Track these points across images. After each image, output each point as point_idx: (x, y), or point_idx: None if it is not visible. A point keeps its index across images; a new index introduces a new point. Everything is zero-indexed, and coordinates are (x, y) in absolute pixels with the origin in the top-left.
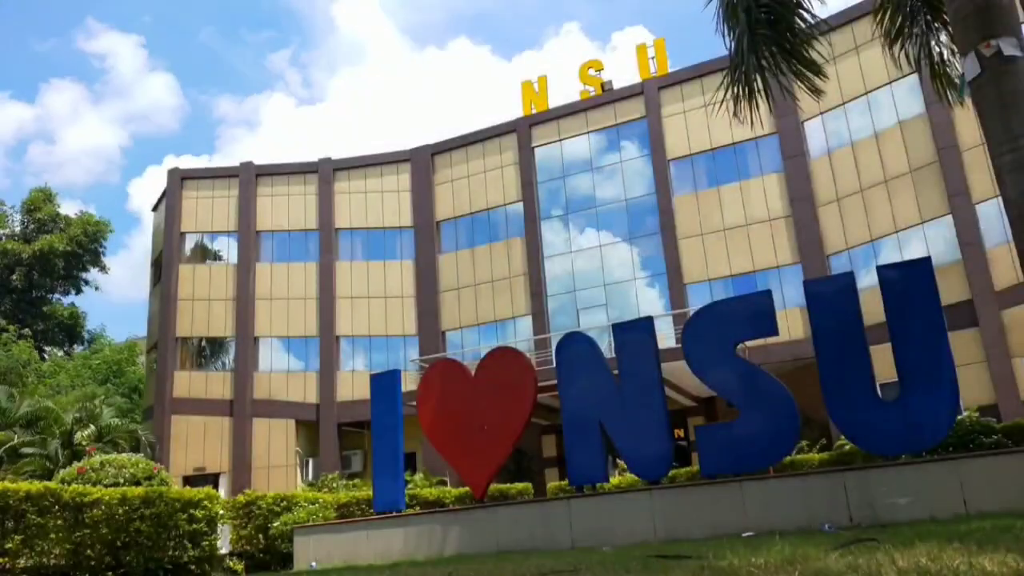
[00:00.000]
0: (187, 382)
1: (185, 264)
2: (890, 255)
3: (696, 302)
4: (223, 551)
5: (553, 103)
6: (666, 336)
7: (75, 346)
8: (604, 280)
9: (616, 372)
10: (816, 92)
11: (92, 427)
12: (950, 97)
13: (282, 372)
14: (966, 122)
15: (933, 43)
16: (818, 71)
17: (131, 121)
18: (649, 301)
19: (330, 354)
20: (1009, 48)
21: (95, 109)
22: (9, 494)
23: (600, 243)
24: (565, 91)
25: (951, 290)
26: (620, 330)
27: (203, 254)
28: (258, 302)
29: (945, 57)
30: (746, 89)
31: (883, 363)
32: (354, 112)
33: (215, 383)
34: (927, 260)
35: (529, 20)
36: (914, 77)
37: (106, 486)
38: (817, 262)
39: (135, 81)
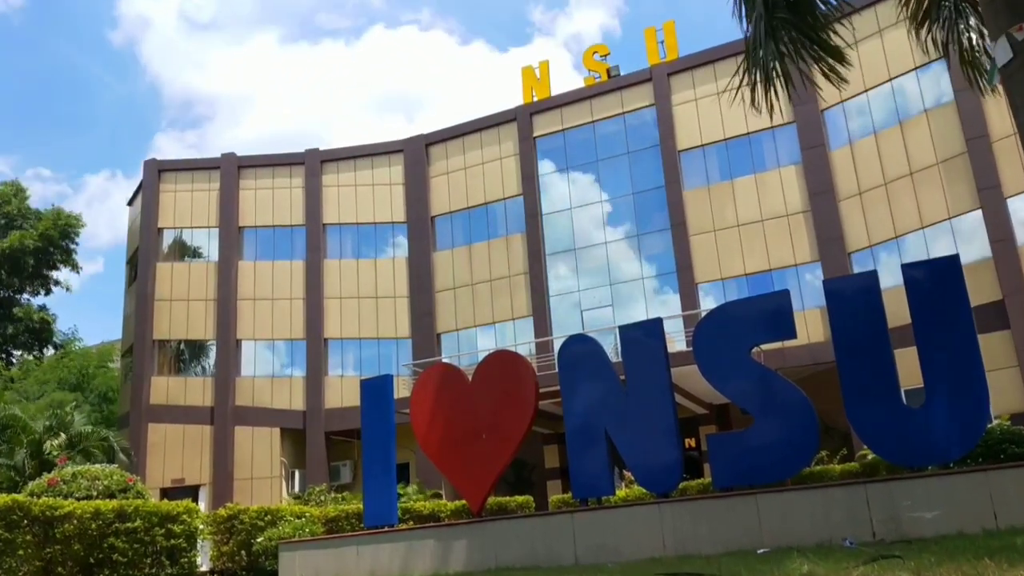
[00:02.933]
0: (165, 388)
1: (163, 262)
2: (916, 252)
3: (708, 302)
4: (203, 568)
5: (556, 90)
6: (676, 339)
7: (45, 350)
8: (610, 279)
9: (623, 377)
10: (839, 79)
11: (63, 436)
12: (980, 85)
13: (266, 377)
14: (997, 111)
15: (962, 27)
16: (841, 58)
17: None
18: (658, 301)
19: (318, 358)
20: None
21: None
22: None
23: (606, 240)
24: (569, 78)
25: (981, 289)
26: (627, 332)
27: (182, 251)
28: (240, 302)
29: (975, 42)
30: (764, 77)
31: (908, 368)
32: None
33: (195, 389)
34: (955, 258)
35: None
36: (942, 63)
37: (78, 499)
38: (838, 260)
39: None
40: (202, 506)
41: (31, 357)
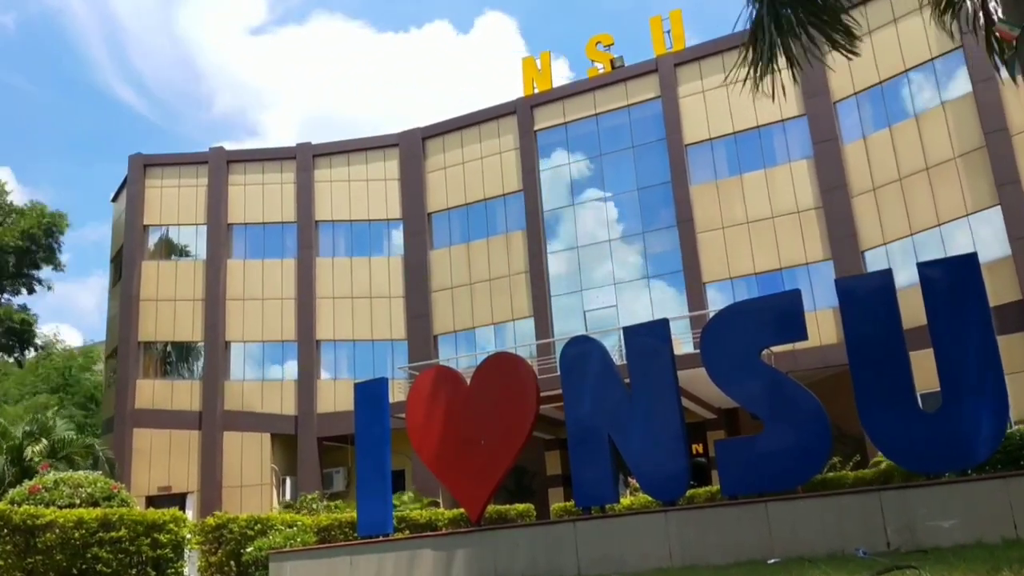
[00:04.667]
0: (151, 392)
1: (148, 261)
2: (932, 250)
3: (716, 303)
4: None
5: (558, 82)
6: (683, 341)
7: (26, 352)
8: (614, 278)
9: (627, 381)
10: (850, 52)
11: (44, 441)
12: (1005, 73)
13: (256, 381)
14: (1017, 103)
15: (992, 6)
16: (850, 33)
17: None
18: (664, 302)
19: (309, 361)
20: None
21: None
22: None
23: (609, 237)
24: (571, 69)
25: (1000, 289)
26: (632, 334)
27: (169, 249)
28: (229, 303)
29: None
30: (768, 59)
31: (924, 371)
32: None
33: (182, 393)
34: (973, 256)
35: None
36: (959, 53)
37: (61, 507)
38: (851, 258)
39: None
40: (189, 514)
41: (11, 360)
